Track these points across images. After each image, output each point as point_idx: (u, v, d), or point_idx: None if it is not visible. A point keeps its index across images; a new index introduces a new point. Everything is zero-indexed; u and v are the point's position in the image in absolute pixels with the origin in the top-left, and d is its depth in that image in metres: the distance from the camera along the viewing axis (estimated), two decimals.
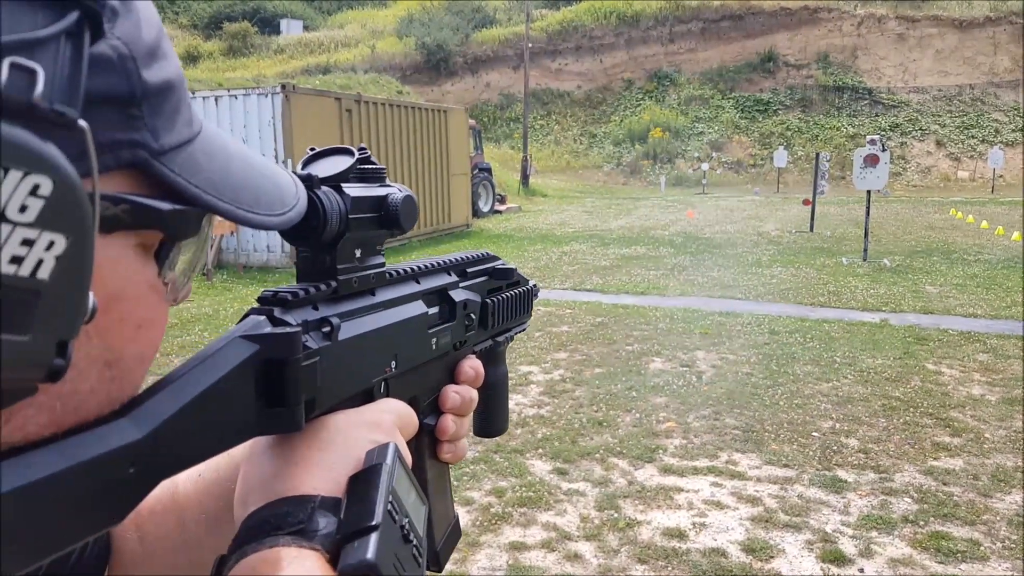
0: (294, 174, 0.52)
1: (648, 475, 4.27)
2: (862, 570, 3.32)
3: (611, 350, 6.88)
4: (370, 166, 0.57)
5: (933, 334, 7.31)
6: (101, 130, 0.34)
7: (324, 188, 0.52)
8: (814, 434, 4.83)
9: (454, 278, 0.69)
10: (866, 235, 11.97)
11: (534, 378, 6.06)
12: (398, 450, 0.48)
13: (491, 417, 0.81)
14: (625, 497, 4.00)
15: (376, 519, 0.42)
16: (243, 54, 42.34)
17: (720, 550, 3.48)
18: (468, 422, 0.69)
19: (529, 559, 3.42)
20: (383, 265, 0.59)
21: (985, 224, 16.78)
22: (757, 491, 4.07)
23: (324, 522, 0.43)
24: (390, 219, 0.56)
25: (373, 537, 0.42)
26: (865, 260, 11.75)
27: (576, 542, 3.56)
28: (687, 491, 4.07)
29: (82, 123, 0.30)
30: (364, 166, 0.56)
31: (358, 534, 0.42)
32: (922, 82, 36.52)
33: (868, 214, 11.87)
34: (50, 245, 0.29)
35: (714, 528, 3.69)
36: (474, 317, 0.71)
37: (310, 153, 0.56)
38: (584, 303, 9.00)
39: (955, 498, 3.95)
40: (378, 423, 0.51)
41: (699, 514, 3.83)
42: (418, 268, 0.65)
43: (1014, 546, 3.48)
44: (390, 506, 0.44)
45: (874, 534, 3.61)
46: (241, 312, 0.83)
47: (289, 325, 0.47)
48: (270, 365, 0.45)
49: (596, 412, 5.27)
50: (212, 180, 0.41)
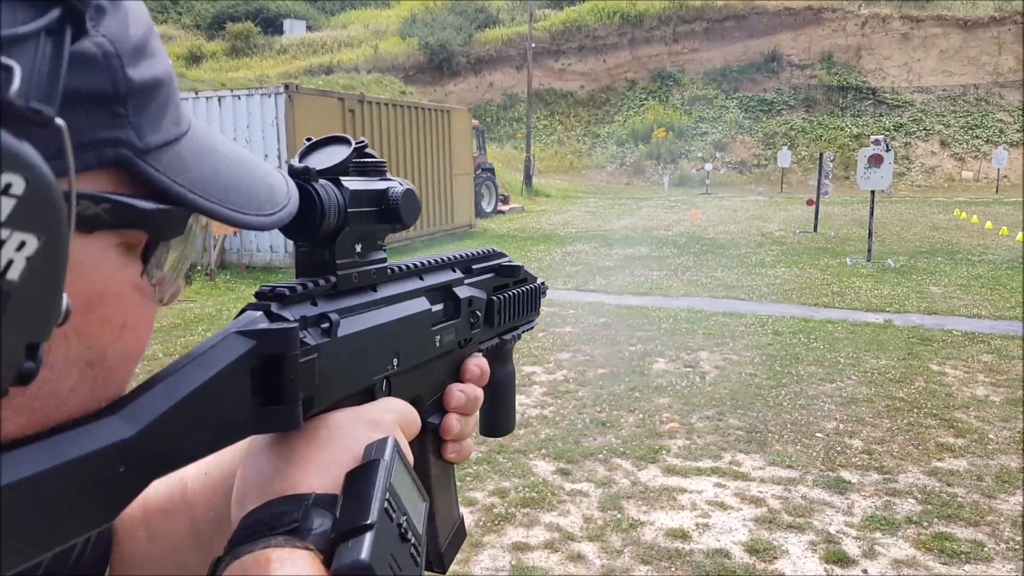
0: (289, 167, 0.51)
1: (651, 476, 4.27)
2: (866, 571, 3.31)
3: (614, 351, 6.87)
4: (369, 159, 0.56)
5: (937, 335, 7.30)
6: (84, 128, 0.33)
7: (322, 181, 0.51)
8: (818, 435, 4.82)
9: (459, 274, 0.68)
10: (870, 235, 11.96)
11: (537, 378, 6.05)
12: (397, 445, 0.47)
13: (498, 416, 0.80)
14: (628, 498, 4.00)
15: (371, 518, 0.41)
16: (246, 54, 42.37)
17: (723, 551, 3.47)
18: (473, 421, 0.68)
19: (532, 560, 3.42)
20: (385, 261, 0.57)
21: (989, 224, 16.73)
22: (761, 492, 4.06)
23: (319, 521, 0.42)
24: (391, 213, 0.55)
25: (367, 536, 0.40)
26: (869, 260, 11.72)
27: (579, 543, 3.56)
28: (690, 492, 4.06)
29: (59, 121, 0.29)
30: (363, 159, 0.55)
31: (353, 533, 0.41)
32: (926, 82, 36.43)
33: (872, 214, 11.86)
34: (21, 245, 0.28)
35: (717, 529, 3.68)
36: (479, 314, 0.70)
37: (307, 144, 0.55)
38: (587, 303, 8.99)
39: (959, 499, 3.93)
40: (379, 422, 0.51)
41: (702, 515, 3.82)
42: (421, 264, 0.63)
43: (1018, 547, 3.47)
44: (387, 504, 0.43)
45: (878, 535, 3.60)
46: None
47: (286, 321, 0.46)
48: (266, 362, 0.44)
49: (599, 413, 5.26)
50: (199, 179, 0.40)
